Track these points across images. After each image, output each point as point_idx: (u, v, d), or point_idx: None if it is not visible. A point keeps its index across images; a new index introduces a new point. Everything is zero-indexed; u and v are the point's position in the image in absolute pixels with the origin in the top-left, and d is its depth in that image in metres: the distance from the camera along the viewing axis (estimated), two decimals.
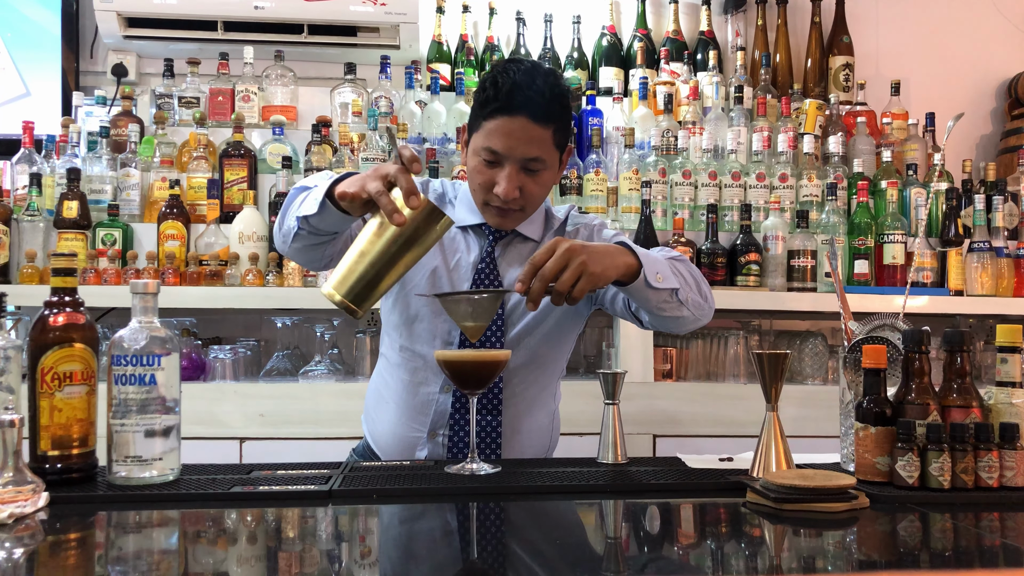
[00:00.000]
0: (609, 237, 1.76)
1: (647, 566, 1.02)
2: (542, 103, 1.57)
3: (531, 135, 1.57)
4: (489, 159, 1.61)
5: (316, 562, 1.03)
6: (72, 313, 1.31)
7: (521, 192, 1.62)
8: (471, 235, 1.76)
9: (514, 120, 1.57)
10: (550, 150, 1.62)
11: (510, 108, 1.57)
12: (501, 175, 1.60)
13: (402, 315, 1.75)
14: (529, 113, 1.56)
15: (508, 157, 1.59)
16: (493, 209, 1.67)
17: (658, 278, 1.50)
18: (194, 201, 2.74)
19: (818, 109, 3.14)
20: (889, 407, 1.32)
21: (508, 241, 1.75)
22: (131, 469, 1.28)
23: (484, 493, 1.32)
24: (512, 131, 1.57)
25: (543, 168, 1.63)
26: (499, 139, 1.58)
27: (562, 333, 1.79)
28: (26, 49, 3.11)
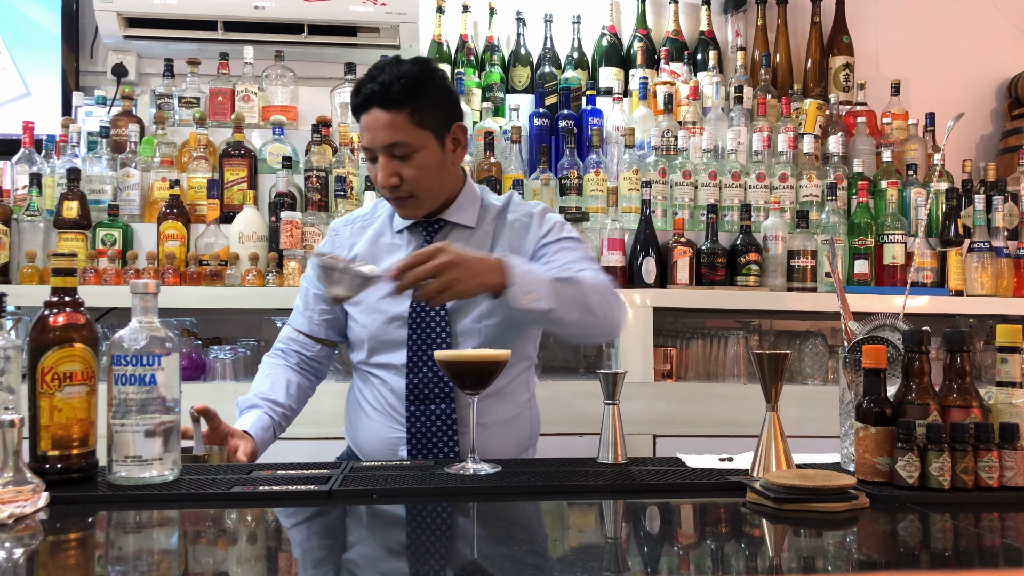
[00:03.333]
0: (553, 224, 1.80)
1: (647, 566, 1.02)
2: (383, 91, 1.66)
3: (382, 122, 1.67)
4: (368, 157, 1.73)
5: (316, 562, 1.03)
6: (72, 313, 1.31)
7: (401, 178, 1.70)
8: (408, 235, 1.83)
9: (368, 114, 1.69)
10: (413, 132, 1.68)
11: (361, 105, 1.70)
12: (378, 167, 1.71)
13: (354, 336, 1.84)
14: (376, 103, 1.67)
15: (375, 149, 1.70)
16: (392, 200, 1.76)
17: (529, 298, 1.53)
18: (194, 201, 2.74)
19: (818, 109, 3.14)
20: (889, 407, 1.32)
21: (445, 233, 1.81)
22: (131, 469, 1.28)
23: (484, 493, 1.32)
24: (368, 124, 1.69)
25: (412, 151, 1.69)
26: (365, 135, 1.71)
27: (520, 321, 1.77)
28: (26, 49, 3.11)
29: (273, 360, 1.90)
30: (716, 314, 2.94)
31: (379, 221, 1.88)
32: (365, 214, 1.92)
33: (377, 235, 1.85)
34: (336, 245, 1.89)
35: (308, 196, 2.74)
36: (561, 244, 1.78)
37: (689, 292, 2.73)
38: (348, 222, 1.92)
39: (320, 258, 1.53)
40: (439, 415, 1.75)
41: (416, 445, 1.76)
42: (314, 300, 1.88)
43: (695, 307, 2.79)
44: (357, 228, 1.89)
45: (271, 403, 1.82)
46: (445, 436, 1.75)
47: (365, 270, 1.50)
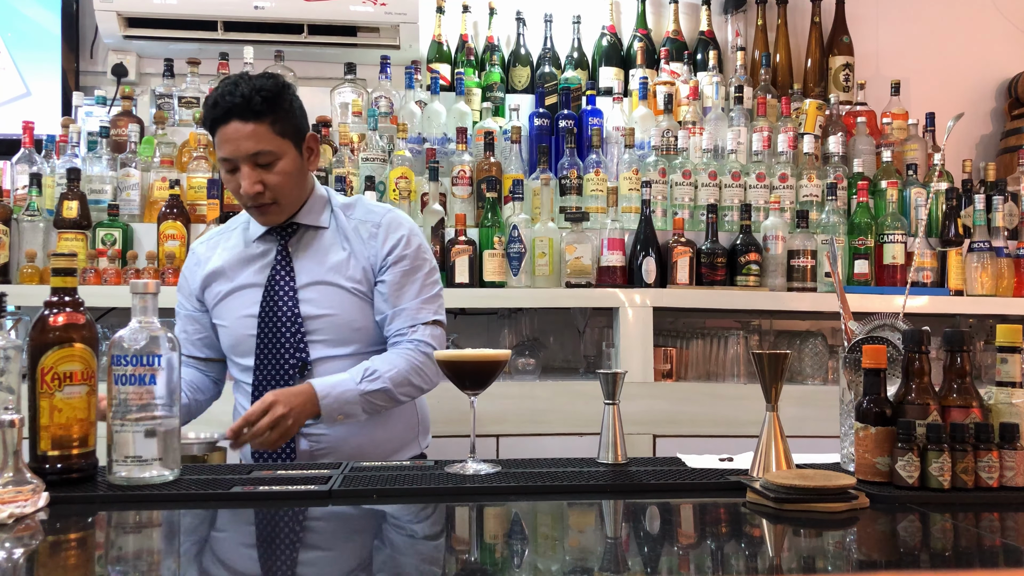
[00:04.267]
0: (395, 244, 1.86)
1: (647, 566, 1.02)
2: (244, 103, 1.72)
3: (245, 133, 1.73)
4: (227, 168, 1.78)
5: (316, 562, 1.03)
6: (72, 313, 1.31)
7: (265, 186, 1.76)
8: (264, 241, 1.89)
9: (228, 126, 1.73)
10: (275, 140, 1.76)
11: (219, 117, 1.74)
12: (240, 176, 1.76)
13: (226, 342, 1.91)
14: (236, 115, 1.73)
15: (237, 159, 1.75)
16: (253, 209, 1.82)
17: (340, 419, 1.76)
18: (194, 201, 2.74)
19: (818, 109, 3.14)
20: (889, 407, 1.32)
21: (299, 236, 1.87)
22: (131, 469, 1.28)
23: (484, 493, 1.32)
24: (230, 135, 1.74)
25: (275, 159, 1.77)
26: (225, 147, 1.75)
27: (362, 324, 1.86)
28: (26, 49, 3.11)
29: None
30: (716, 314, 2.94)
31: (235, 234, 1.94)
32: (219, 231, 1.99)
33: (234, 247, 1.91)
34: (193, 264, 1.95)
35: None
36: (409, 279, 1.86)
37: (689, 292, 2.73)
38: (203, 241, 2.00)
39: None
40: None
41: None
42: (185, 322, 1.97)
43: (695, 307, 2.79)
44: (212, 244, 1.95)
45: None
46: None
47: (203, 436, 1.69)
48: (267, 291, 1.83)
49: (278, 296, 1.83)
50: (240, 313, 1.85)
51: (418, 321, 1.84)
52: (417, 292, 1.85)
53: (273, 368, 1.81)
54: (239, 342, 1.86)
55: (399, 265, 1.85)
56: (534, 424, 2.55)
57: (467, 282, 2.62)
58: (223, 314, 1.89)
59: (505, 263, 2.71)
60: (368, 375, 1.77)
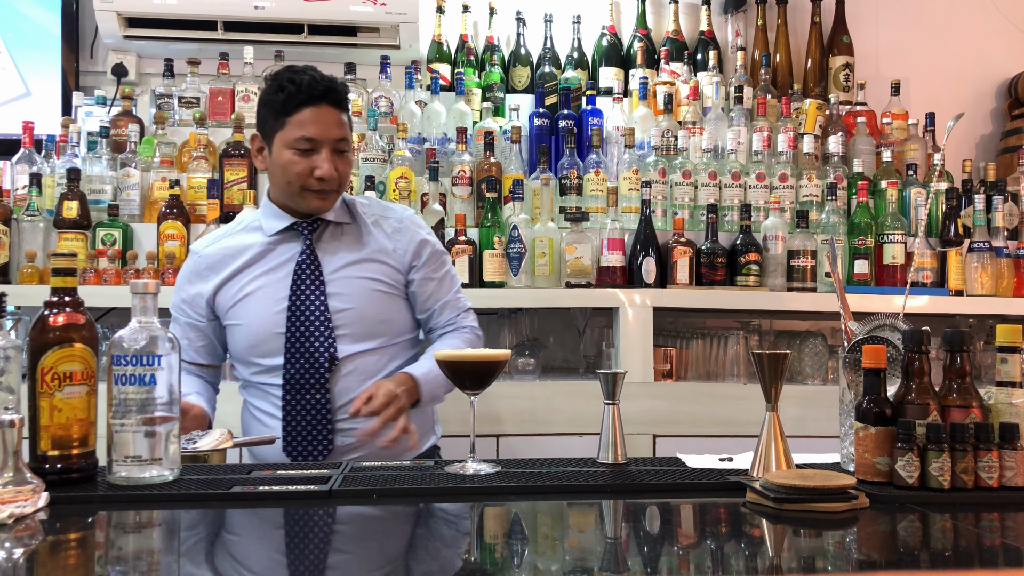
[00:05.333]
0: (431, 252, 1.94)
1: (647, 566, 1.02)
2: (338, 92, 1.83)
3: (336, 119, 1.82)
4: (305, 147, 1.80)
5: (316, 562, 1.03)
6: (72, 313, 1.31)
7: (338, 173, 1.82)
8: (286, 238, 1.89)
9: (319, 108, 1.79)
10: (348, 132, 1.86)
11: (314, 99, 1.79)
12: (319, 159, 1.80)
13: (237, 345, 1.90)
14: (330, 100, 1.81)
15: (323, 141, 1.80)
16: (314, 194, 1.83)
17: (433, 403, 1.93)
18: (194, 201, 2.74)
19: (818, 109, 3.14)
20: (889, 407, 1.32)
21: (321, 232, 1.90)
22: (131, 469, 1.28)
23: (484, 493, 1.32)
24: (322, 116, 1.79)
25: (348, 149, 1.86)
26: (312, 127, 1.79)
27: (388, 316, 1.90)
28: (26, 49, 3.11)
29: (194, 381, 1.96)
30: (716, 314, 2.94)
31: (244, 234, 1.92)
32: (223, 232, 1.97)
33: (249, 246, 1.90)
34: (202, 267, 1.91)
35: None
36: (442, 273, 1.97)
37: (689, 292, 2.73)
38: (210, 243, 1.95)
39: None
40: (314, 404, 1.80)
41: (292, 436, 1.80)
42: (188, 329, 1.94)
43: (695, 307, 2.79)
44: (220, 247, 1.93)
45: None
46: (320, 426, 1.80)
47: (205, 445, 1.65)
48: (295, 287, 1.82)
49: (306, 292, 1.82)
50: (264, 311, 1.84)
51: (461, 309, 1.99)
52: (452, 284, 1.99)
53: (304, 365, 1.80)
54: (262, 341, 1.84)
55: (434, 262, 1.95)
56: (534, 424, 2.55)
57: (467, 282, 2.62)
58: (242, 314, 1.87)
59: (505, 263, 2.71)
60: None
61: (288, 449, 1.81)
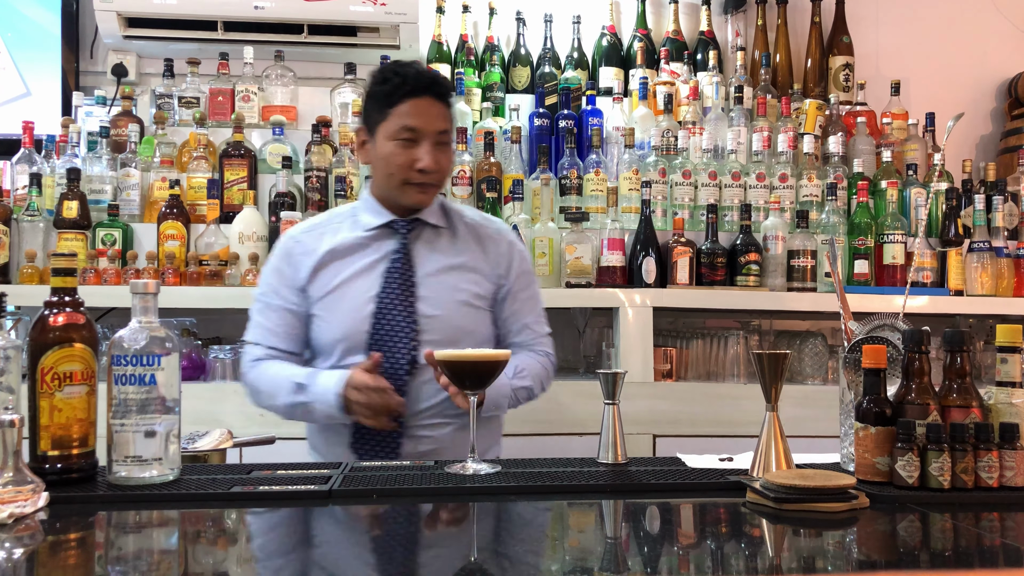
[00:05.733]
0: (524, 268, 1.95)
1: (647, 566, 1.02)
2: (441, 85, 1.82)
3: (439, 111, 1.80)
4: (408, 138, 1.78)
5: (316, 562, 1.03)
6: (72, 313, 1.31)
7: (439, 165, 1.80)
8: (383, 235, 1.86)
9: (423, 100, 1.78)
10: (451, 125, 1.85)
11: (419, 90, 1.78)
12: (421, 150, 1.78)
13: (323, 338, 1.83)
14: (434, 93, 1.80)
15: (425, 132, 1.78)
16: (415, 187, 1.81)
17: (493, 411, 1.86)
18: (194, 201, 2.74)
19: (818, 109, 3.14)
20: (889, 407, 1.32)
21: (418, 232, 1.88)
22: (131, 469, 1.28)
23: (484, 493, 1.32)
24: (425, 108, 1.78)
25: (450, 143, 1.85)
26: (415, 118, 1.78)
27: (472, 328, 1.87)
28: (26, 49, 3.11)
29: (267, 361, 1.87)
30: (716, 314, 2.94)
31: (340, 226, 1.90)
32: (321, 222, 1.94)
33: (344, 239, 1.87)
34: (297, 253, 1.87)
35: (308, 196, 2.74)
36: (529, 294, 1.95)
37: (689, 292, 2.73)
38: (306, 230, 1.92)
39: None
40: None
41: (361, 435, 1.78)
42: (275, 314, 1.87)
43: (695, 307, 2.79)
44: (317, 235, 1.89)
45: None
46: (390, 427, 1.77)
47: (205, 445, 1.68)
48: (386, 286, 1.80)
49: (396, 292, 1.80)
50: (354, 306, 1.80)
51: (539, 334, 1.96)
52: (534, 306, 1.97)
53: (384, 365, 1.76)
54: (348, 336, 1.80)
55: (524, 279, 1.94)
56: (534, 424, 2.55)
57: None
58: (332, 306, 1.83)
59: None
60: (519, 372, 1.84)
61: (355, 447, 1.79)
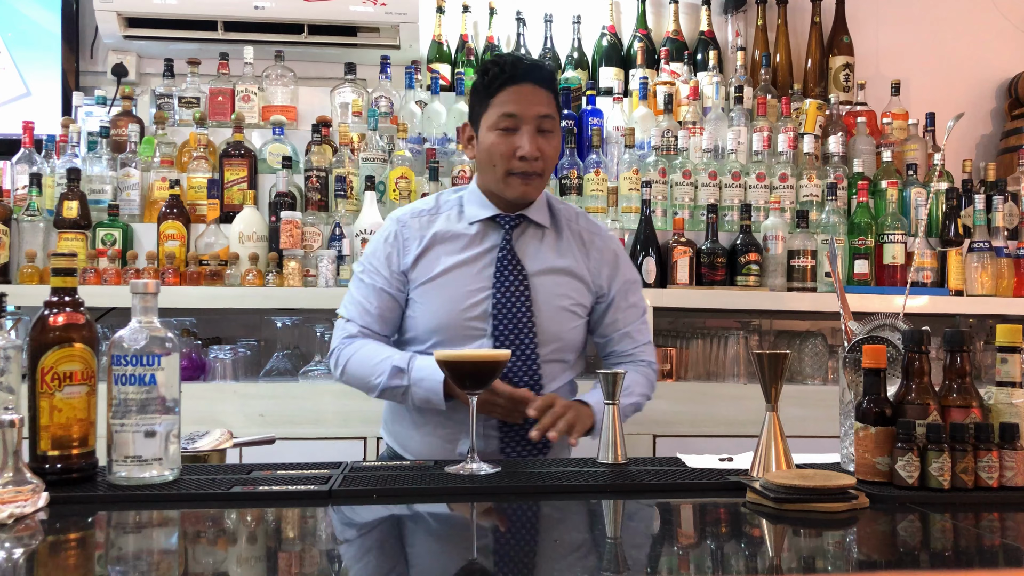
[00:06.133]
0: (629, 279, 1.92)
1: (647, 566, 1.02)
2: (541, 70, 1.80)
3: (539, 97, 1.77)
4: (508, 126, 1.76)
5: (316, 562, 1.03)
6: (72, 313, 1.31)
7: (541, 152, 1.77)
8: (486, 228, 1.84)
9: (523, 86, 1.76)
10: (556, 113, 1.81)
11: (516, 77, 1.76)
12: (522, 138, 1.75)
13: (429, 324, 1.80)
14: (533, 78, 1.77)
15: (524, 118, 1.75)
16: (517, 177, 1.78)
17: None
18: (194, 201, 2.74)
19: (818, 109, 3.14)
20: (889, 407, 1.32)
21: (523, 229, 1.85)
22: (131, 469, 1.28)
23: (484, 493, 1.32)
24: (524, 94, 1.76)
25: (554, 129, 1.80)
26: (514, 104, 1.75)
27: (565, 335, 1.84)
28: (26, 49, 3.11)
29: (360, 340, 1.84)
30: (716, 314, 2.94)
31: (447, 214, 1.87)
32: (429, 208, 1.90)
33: (449, 228, 1.84)
34: (404, 236, 1.85)
35: (308, 196, 2.74)
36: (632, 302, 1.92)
37: (689, 292, 2.73)
38: (414, 214, 1.88)
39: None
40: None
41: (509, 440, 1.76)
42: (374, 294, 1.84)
43: (695, 307, 2.79)
44: (425, 221, 1.86)
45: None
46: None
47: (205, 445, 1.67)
48: (499, 284, 1.77)
49: (512, 291, 1.77)
50: (454, 297, 1.78)
51: (641, 342, 1.93)
52: (637, 314, 1.93)
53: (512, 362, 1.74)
54: (448, 328, 1.78)
55: (627, 288, 1.91)
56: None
57: None
58: (433, 294, 1.80)
59: None
60: (626, 390, 1.79)
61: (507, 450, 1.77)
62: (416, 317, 1.82)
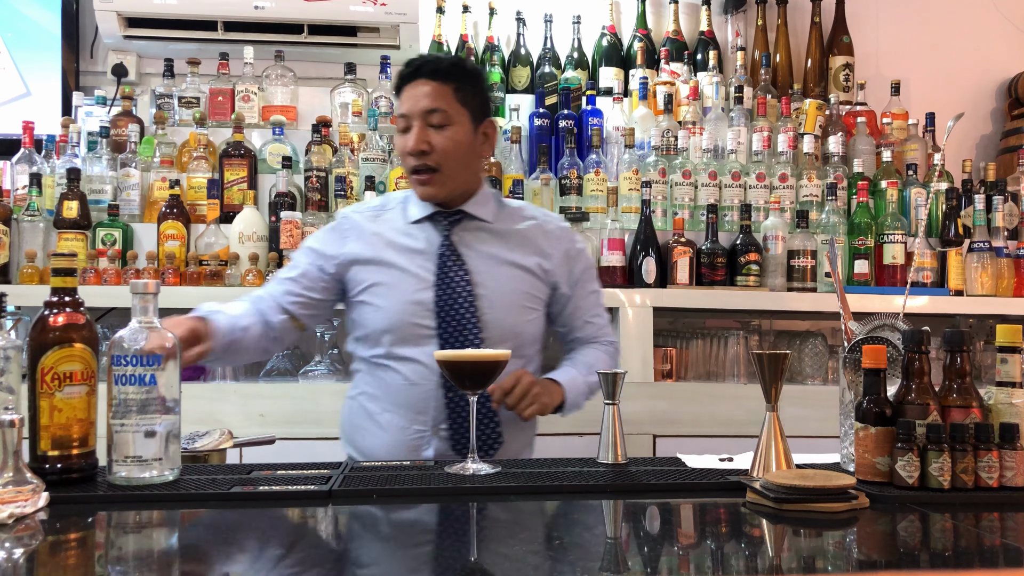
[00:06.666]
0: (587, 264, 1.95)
1: (647, 566, 1.02)
2: (436, 65, 1.77)
3: (427, 91, 1.75)
4: (402, 127, 1.78)
5: (316, 562, 1.03)
6: (72, 313, 1.31)
7: (431, 146, 1.75)
8: (426, 227, 1.84)
9: (413, 84, 1.76)
10: (454, 105, 1.76)
11: (409, 76, 1.77)
12: (410, 134, 1.76)
13: (370, 326, 1.80)
14: (424, 74, 1.76)
15: (412, 115, 1.76)
16: (414, 177, 1.79)
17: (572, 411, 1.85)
18: (194, 201, 2.74)
19: (818, 109, 3.14)
20: (889, 407, 1.32)
21: (464, 226, 1.84)
22: (131, 469, 1.28)
23: (484, 493, 1.32)
24: (412, 92, 1.76)
25: (447, 122, 1.76)
26: (405, 104, 1.77)
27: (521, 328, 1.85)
28: (26, 49, 3.11)
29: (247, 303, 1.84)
30: (716, 314, 2.94)
31: (391, 213, 1.87)
32: (375, 206, 1.91)
33: (393, 227, 1.85)
34: (345, 228, 1.86)
35: (308, 196, 2.74)
36: (590, 289, 1.95)
37: (689, 292, 2.73)
38: (358, 211, 1.90)
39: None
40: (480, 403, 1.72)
41: (457, 438, 1.75)
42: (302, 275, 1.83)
43: (695, 307, 2.79)
44: (369, 216, 1.87)
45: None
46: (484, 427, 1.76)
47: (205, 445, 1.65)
48: (441, 285, 1.76)
49: (454, 288, 1.76)
50: (406, 299, 1.77)
51: (601, 325, 1.97)
52: (597, 300, 1.98)
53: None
54: (398, 327, 1.77)
55: (587, 275, 1.94)
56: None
57: None
58: (380, 295, 1.79)
59: None
60: (592, 368, 1.83)
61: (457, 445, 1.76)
62: (366, 318, 1.82)
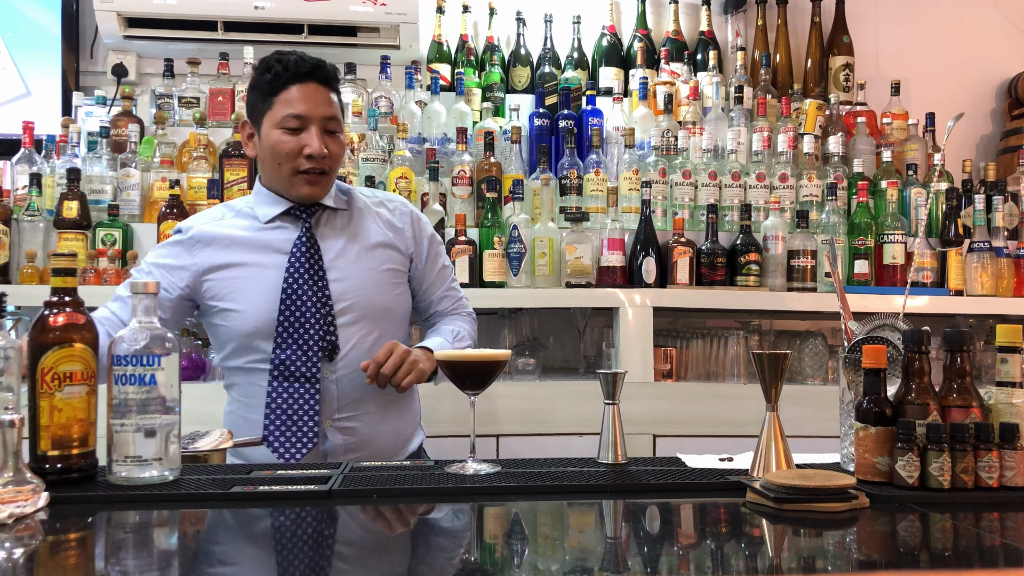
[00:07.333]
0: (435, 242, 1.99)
1: (647, 566, 1.02)
2: (326, 70, 1.81)
3: (325, 97, 1.79)
4: (293, 126, 1.77)
5: (316, 562, 1.03)
6: (72, 313, 1.31)
7: (328, 151, 1.79)
8: (282, 223, 1.85)
9: (308, 85, 1.77)
10: (339, 112, 1.83)
11: (301, 76, 1.77)
12: (308, 136, 1.77)
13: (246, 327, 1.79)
14: (319, 79, 1.79)
15: (311, 118, 1.77)
16: (303, 177, 1.79)
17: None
18: (194, 201, 2.74)
19: (818, 109, 3.14)
20: (889, 407, 1.32)
21: (320, 219, 1.87)
22: (131, 469, 1.28)
23: (484, 493, 1.32)
24: (309, 94, 1.77)
25: (339, 129, 1.82)
26: (300, 104, 1.76)
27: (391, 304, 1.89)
28: (26, 49, 3.11)
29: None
30: (716, 314, 2.94)
31: (237, 219, 1.86)
32: (217, 216, 1.89)
33: (244, 230, 1.83)
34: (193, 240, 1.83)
35: None
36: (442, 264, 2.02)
37: (689, 292, 2.73)
38: (202, 220, 1.88)
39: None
40: (302, 394, 1.76)
41: (276, 426, 1.75)
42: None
43: (695, 307, 2.80)
44: (215, 225, 1.85)
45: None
46: (305, 417, 1.75)
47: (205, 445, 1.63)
48: (291, 273, 1.77)
49: (304, 278, 1.77)
50: (260, 298, 1.78)
51: (457, 298, 2.04)
52: (450, 273, 2.05)
53: (295, 354, 1.74)
54: (262, 327, 1.77)
55: (436, 250, 1.99)
56: (534, 424, 2.55)
57: (467, 282, 2.62)
58: (238, 298, 1.79)
59: (505, 263, 2.71)
60: (458, 336, 1.91)
61: (271, 438, 1.76)
62: (229, 327, 1.81)
